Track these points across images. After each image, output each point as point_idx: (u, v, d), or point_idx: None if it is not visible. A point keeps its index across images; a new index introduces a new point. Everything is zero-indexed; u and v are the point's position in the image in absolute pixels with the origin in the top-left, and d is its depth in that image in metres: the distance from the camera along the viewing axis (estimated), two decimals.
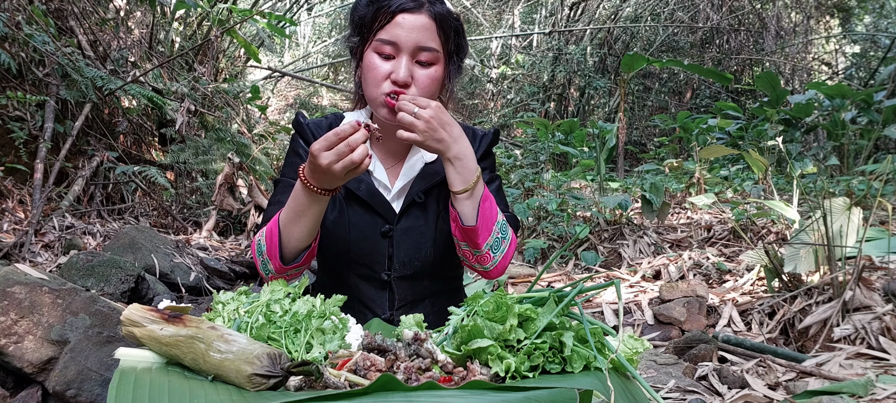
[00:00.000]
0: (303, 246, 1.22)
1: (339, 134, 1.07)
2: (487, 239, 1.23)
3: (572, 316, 0.95)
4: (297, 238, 1.20)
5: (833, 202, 3.03)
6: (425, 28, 1.23)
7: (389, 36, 1.22)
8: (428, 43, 1.24)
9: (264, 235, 1.23)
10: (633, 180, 6.87)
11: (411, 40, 1.22)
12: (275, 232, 1.21)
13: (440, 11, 1.25)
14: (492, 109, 12.55)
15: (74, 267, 3.00)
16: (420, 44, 1.23)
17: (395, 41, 1.22)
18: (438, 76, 1.27)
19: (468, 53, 1.41)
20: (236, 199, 4.83)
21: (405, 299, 1.36)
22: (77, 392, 2.00)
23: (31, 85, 4.16)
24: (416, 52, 1.23)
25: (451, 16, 1.28)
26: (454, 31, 1.29)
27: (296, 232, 1.19)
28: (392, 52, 1.23)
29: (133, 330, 0.86)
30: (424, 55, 1.24)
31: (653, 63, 8.55)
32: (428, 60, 1.25)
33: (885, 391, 2.06)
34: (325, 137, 1.08)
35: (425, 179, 1.36)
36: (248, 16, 5.66)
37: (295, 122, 1.40)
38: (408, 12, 1.22)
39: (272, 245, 1.21)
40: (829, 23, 12.93)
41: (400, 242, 1.33)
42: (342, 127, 1.08)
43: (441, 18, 1.25)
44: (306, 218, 1.18)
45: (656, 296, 3.32)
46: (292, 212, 1.18)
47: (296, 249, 1.22)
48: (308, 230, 1.20)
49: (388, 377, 0.74)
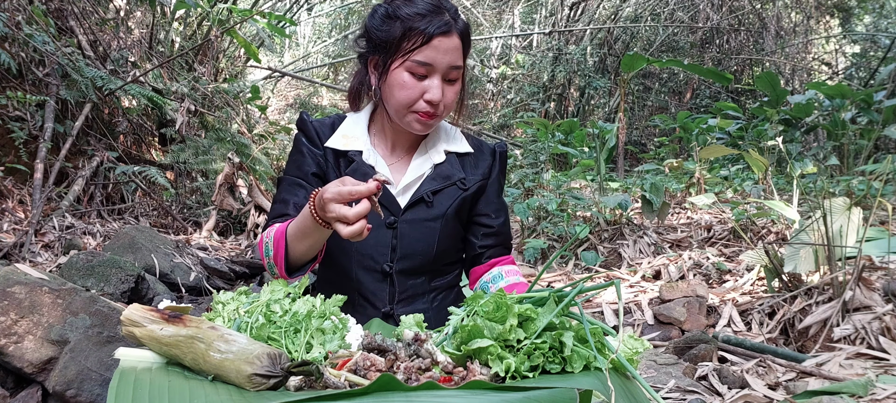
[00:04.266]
0: (308, 259, 1.26)
1: (353, 193, 1.05)
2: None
3: (572, 316, 0.95)
4: (302, 253, 1.23)
5: (833, 202, 3.03)
6: (456, 49, 1.30)
7: (426, 58, 1.26)
8: (457, 62, 1.30)
9: (272, 240, 1.25)
10: (633, 180, 6.86)
11: (445, 62, 1.28)
12: (282, 244, 1.23)
13: (463, 27, 1.31)
14: (492, 109, 12.55)
15: (74, 267, 3.00)
16: (452, 64, 1.29)
17: (432, 63, 1.27)
18: (460, 88, 1.35)
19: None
20: (236, 199, 4.83)
21: (405, 293, 1.38)
22: (77, 392, 2.00)
23: (31, 85, 4.16)
24: (448, 72, 1.30)
25: (468, 27, 1.34)
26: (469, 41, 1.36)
27: (300, 248, 1.22)
28: (426, 73, 1.28)
29: (133, 330, 0.86)
30: (454, 73, 1.31)
31: (653, 63, 8.55)
32: (456, 77, 1.32)
33: (885, 391, 2.06)
34: (339, 191, 1.05)
35: (436, 181, 1.39)
36: (248, 16, 5.66)
37: (299, 121, 1.42)
38: (444, 36, 1.27)
39: (278, 254, 1.24)
40: (829, 23, 12.93)
41: (404, 233, 1.36)
42: (360, 186, 1.05)
43: (465, 35, 1.32)
44: (310, 240, 1.20)
45: (656, 296, 3.32)
46: (298, 231, 1.20)
47: (301, 260, 1.25)
48: (312, 248, 1.23)
49: (388, 377, 0.74)
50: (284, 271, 1.25)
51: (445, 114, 1.36)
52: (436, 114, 1.31)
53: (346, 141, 1.39)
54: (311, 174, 1.37)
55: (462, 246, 1.47)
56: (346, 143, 1.39)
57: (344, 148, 1.38)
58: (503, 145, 1.48)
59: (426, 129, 1.34)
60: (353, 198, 1.04)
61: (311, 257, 1.26)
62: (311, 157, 1.38)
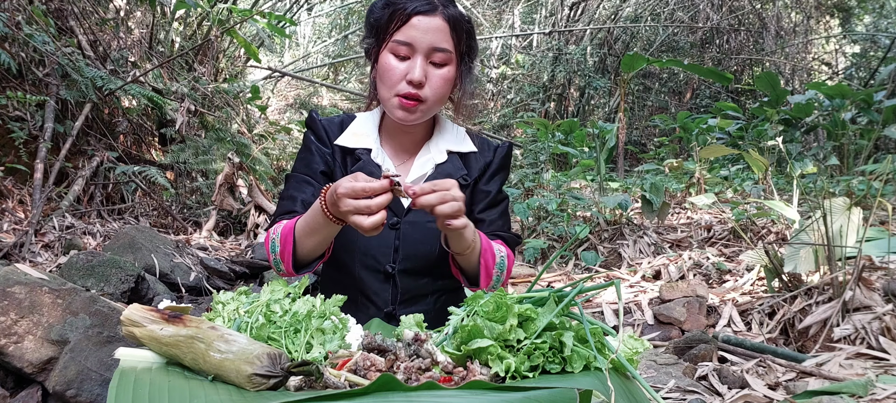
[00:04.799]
0: (315, 256, 1.26)
1: (366, 190, 1.05)
2: (488, 284, 1.30)
3: (572, 316, 0.95)
4: (310, 249, 1.24)
5: (833, 202, 3.03)
6: (439, 29, 1.27)
7: (405, 37, 1.26)
8: (441, 44, 1.28)
9: (279, 236, 1.26)
10: (633, 180, 6.87)
11: (426, 41, 1.26)
12: (290, 240, 1.24)
13: (453, 13, 1.29)
14: (492, 109, 12.55)
15: (74, 267, 3.00)
16: (434, 45, 1.27)
17: (411, 42, 1.26)
18: (451, 76, 1.31)
19: (479, 55, 1.45)
20: (236, 199, 4.83)
21: (408, 293, 1.38)
22: (77, 392, 2.00)
23: (31, 85, 4.16)
24: (431, 52, 1.27)
25: (464, 18, 1.32)
26: (466, 33, 1.33)
27: (309, 244, 1.23)
28: (407, 53, 1.27)
29: (133, 330, 0.86)
30: (438, 56, 1.28)
31: (653, 63, 8.56)
32: (441, 61, 1.29)
33: (885, 391, 2.06)
34: (353, 186, 1.06)
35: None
36: (248, 16, 5.66)
37: (308, 119, 1.43)
38: (423, 14, 1.26)
39: (286, 250, 1.24)
40: (829, 23, 12.93)
41: (407, 234, 1.36)
42: (373, 183, 1.06)
43: (454, 20, 1.29)
44: (319, 236, 1.21)
45: (656, 296, 3.32)
46: (307, 227, 1.21)
47: (308, 258, 1.26)
48: (321, 244, 1.23)
49: (388, 377, 0.74)
50: (291, 267, 1.25)
51: (436, 105, 1.32)
52: (420, 99, 1.28)
53: (355, 139, 1.39)
54: (320, 172, 1.38)
55: None
56: (356, 141, 1.39)
57: (353, 146, 1.39)
58: (508, 144, 1.48)
59: (410, 117, 1.29)
60: (366, 194, 1.05)
61: (319, 254, 1.26)
62: (320, 155, 1.39)
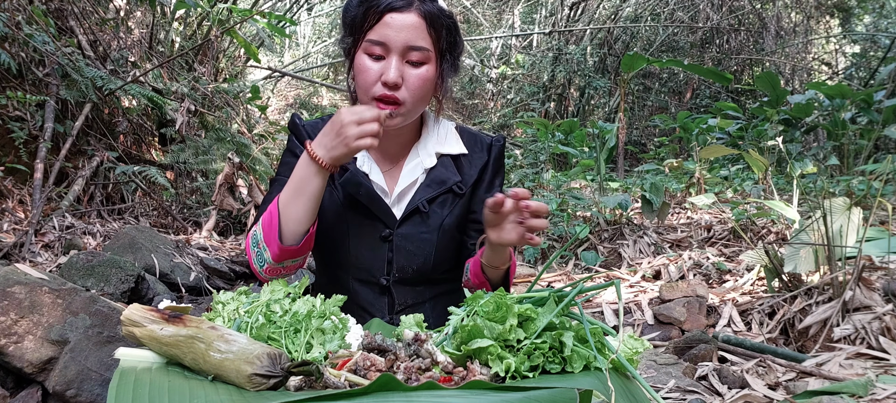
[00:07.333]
0: (302, 229, 1.21)
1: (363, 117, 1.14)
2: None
3: (572, 316, 0.95)
4: (296, 218, 1.19)
5: (833, 202, 3.03)
6: (415, 27, 1.21)
7: (378, 36, 1.21)
8: (418, 42, 1.21)
9: (261, 224, 1.23)
10: (633, 180, 6.87)
11: (401, 40, 1.20)
12: (275, 214, 1.20)
13: (430, 9, 1.23)
14: (492, 109, 12.55)
15: (74, 267, 3.00)
16: (410, 43, 1.21)
17: (385, 41, 1.20)
18: (430, 75, 1.25)
19: (464, 51, 1.40)
20: (236, 199, 4.83)
21: (405, 303, 1.35)
22: (77, 392, 2.00)
23: (31, 85, 4.16)
24: (406, 51, 1.21)
25: (443, 13, 1.26)
26: (446, 29, 1.26)
27: (294, 210, 1.19)
28: (382, 53, 1.22)
29: (133, 330, 0.86)
30: (415, 55, 1.22)
31: (653, 63, 8.56)
32: (418, 60, 1.23)
33: (885, 391, 2.06)
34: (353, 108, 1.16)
35: (430, 188, 1.34)
36: (248, 16, 5.66)
37: (291, 123, 1.39)
38: (396, 11, 1.20)
39: (271, 229, 1.20)
40: (829, 23, 12.93)
41: (400, 247, 1.32)
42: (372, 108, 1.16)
43: (431, 16, 1.23)
44: (305, 195, 1.18)
45: (656, 296, 3.32)
46: (292, 190, 1.19)
47: (295, 232, 1.21)
48: (307, 210, 1.19)
49: (388, 377, 0.74)
50: (278, 244, 1.19)
51: (416, 106, 1.26)
52: (397, 101, 1.22)
53: None
54: None
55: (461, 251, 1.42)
56: None
57: None
58: (500, 139, 1.42)
59: (389, 123, 1.21)
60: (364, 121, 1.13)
61: (305, 229, 1.21)
62: None
